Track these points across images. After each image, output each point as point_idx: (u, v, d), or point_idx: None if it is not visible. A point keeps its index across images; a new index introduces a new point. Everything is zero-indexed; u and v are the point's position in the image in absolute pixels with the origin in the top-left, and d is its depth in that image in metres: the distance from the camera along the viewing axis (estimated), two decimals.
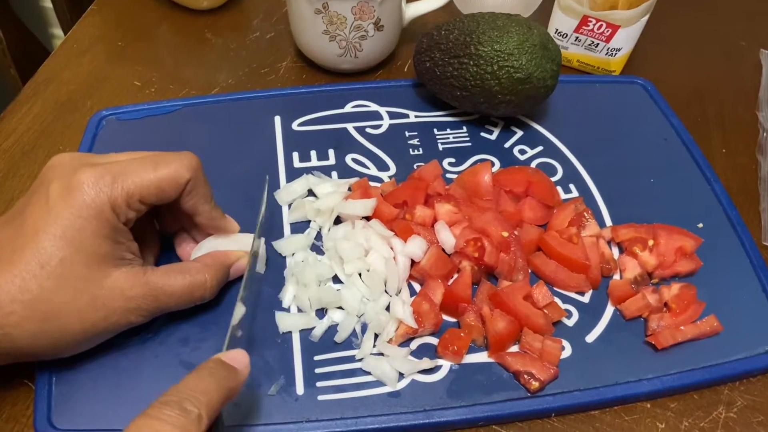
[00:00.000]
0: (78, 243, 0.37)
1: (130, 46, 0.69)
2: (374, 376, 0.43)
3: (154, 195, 0.40)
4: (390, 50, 0.66)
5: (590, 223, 0.51)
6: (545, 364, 0.43)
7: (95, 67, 0.66)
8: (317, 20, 0.59)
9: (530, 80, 0.53)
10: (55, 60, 0.67)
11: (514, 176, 0.53)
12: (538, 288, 0.47)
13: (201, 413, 0.32)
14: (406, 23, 0.66)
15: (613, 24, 0.62)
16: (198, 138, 0.57)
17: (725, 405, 0.44)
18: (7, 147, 0.58)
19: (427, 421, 0.41)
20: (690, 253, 0.49)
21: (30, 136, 0.59)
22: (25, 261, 0.37)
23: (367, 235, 0.48)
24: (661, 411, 0.43)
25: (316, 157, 0.56)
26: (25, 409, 0.42)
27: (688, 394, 0.44)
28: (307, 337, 0.45)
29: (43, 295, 0.37)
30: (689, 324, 0.46)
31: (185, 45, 0.70)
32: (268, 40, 0.71)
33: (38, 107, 0.62)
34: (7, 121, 0.60)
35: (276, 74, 0.66)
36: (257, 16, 0.73)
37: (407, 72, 0.68)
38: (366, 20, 0.60)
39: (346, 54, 0.62)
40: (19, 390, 0.43)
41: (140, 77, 0.65)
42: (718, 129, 0.63)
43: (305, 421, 0.41)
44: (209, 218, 0.44)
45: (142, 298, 0.40)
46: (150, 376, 0.42)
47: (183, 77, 0.65)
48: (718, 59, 0.72)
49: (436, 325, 0.45)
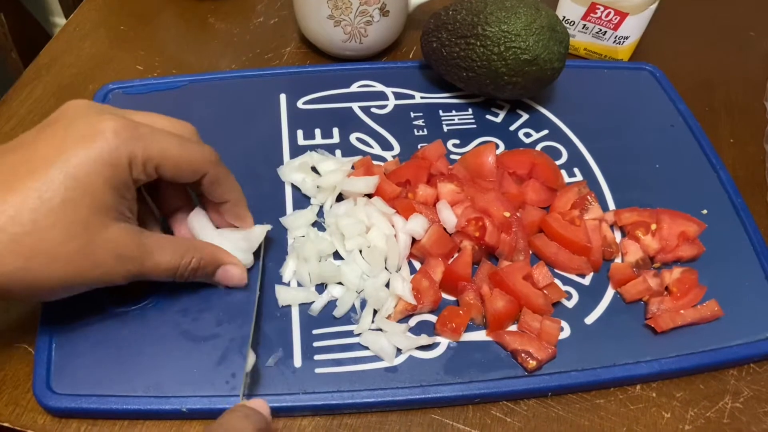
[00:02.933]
0: (88, 187, 0.36)
1: (133, 31, 0.68)
2: (372, 351, 0.43)
3: (169, 170, 0.40)
4: (395, 36, 0.65)
5: (593, 207, 0.51)
6: (543, 343, 0.43)
7: (97, 50, 0.66)
8: (322, 5, 0.59)
9: (537, 62, 0.53)
10: (57, 43, 0.66)
11: (518, 158, 0.53)
12: (538, 268, 0.46)
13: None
14: (411, 9, 0.65)
15: (621, 11, 0.61)
16: (204, 114, 0.57)
17: (731, 395, 0.44)
18: (8, 130, 0.57)
19: (423, 396, 0.41)
20: (693, 238, 0.49)
21: (31, 119, 0.58)
22: (25, 191, 0.35)
23: (368, 212, 0.48)
24: (666, 400, 0.43)
25: (321, 135, 0.56)
26: (24, 375, 0.42)
27: (694, 384, 0.44)
28: (306, 311, 0.45)
29: (35, 230, 0.35)
30: (690, 308, 0.46)
31: (188, 30, 0.69)
32: (272, 25, 0.70)
33: (40, 91, 0.61)
34: (8, 104, 0.60)
35: (280, 60, 0.66)
36: (261, 1, 0.73)
37: (412, 58, 0.67)
38: (372, 5, 0.59)
39: (351, 39, 0.62)
40: (18, 355, 0.43)
41: (142, 61, 0.65)
42: (726, 118, 0.63)
43: (302, 393, 0.41)
44: (235, 204, 0.44)
45: (131, 259, 0.39)
46: (150, 345, 0.43)
47: (186, 62, 0.65)
48: (726, 48, 0.71)
49: (435, 303, 0.45)
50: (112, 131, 0.37)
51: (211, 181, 0.42)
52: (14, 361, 0.43)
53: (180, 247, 0.42)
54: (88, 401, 0.40)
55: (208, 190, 0.43)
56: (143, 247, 0.40)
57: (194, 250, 0.43)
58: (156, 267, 0.41)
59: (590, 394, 0.43)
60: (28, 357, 0.43)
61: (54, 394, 0.40)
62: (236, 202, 0.45)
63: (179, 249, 0.42)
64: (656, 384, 0.44)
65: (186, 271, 0.42)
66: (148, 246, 0.40)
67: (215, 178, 0.42)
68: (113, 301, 0.44)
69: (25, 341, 0.43)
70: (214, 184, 0.42)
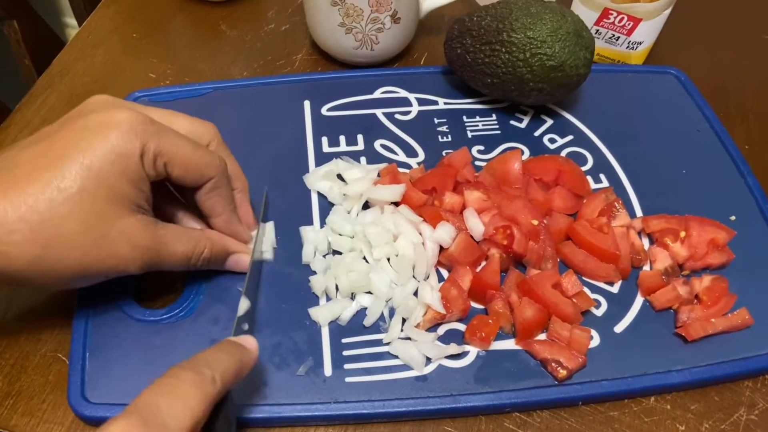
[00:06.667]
0: (103, 177, 0.37)
1: (145, 38, 0.69)
2: (401, 360, 0.43)
3: (178, 168, 0.40)
4: (406, 43, 0.65)
5: (621, 214, 0.50)
6: (573, 352, 0.43)
7: (110, 59, 0.66)
8: (333, 12, 0.59)
9: (563, 68, 0.53)
10: (70, 52, 0.67)
11: (544, 165, 0.53)
12: (568, 277, 0.46)
13: (215, 376, 0.34)
14: (422, 15, 0.65)
15: (634, 17, 0.61)
16: (229, 121, 0.56)
17: (746, 407, 0.43)
18: (21, 139, 0.57)
19: (453, 405, 0.42)
20: (722, 246, 0.49)
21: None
22: (43, 181, 0.36)
23: (395, 220, 0.48)
24: (681, 413, 0.43)
25: (345, 143, 0.56)
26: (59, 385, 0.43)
27: (709, 396, 0.44)
28: (336, 320, 0.45)
29: (53, 220, 0.36)
30: (720, 316, 0.45)
31: (200, 37, 0.69)
32: (283, 32, 0.70)
33: (53, 99, 0.62)
34: (22, 113, 0.60)
35: (291, 66, 0.66)
36: (272, 8, 0.73)
37: (423, 64, 0.67)
38: (383, 12, 0.59)
39: (362, 47, 0.62)
40: (53, 364, 0.44)
41: (155, 69, 0.65)
42: (740, 124, 0.62)
43: (333, 402, 0.41)
44: (226, 221, 0.45)
45: (146, 249, 0.40)
46: (182, 353, 0.42)
47: (198, 69, 0.65)
48: (740, 53, 0.70)
49: (464, 311, 0.45)
50: (127, 123, 0.38)
51: (213, 188, 0.43)
52: (48, 370, 0.43)
53: (193, 237, 0.43)
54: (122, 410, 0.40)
55: (206, 197, 0.43)
56: (158, 237, 0.41)
57: (206, 239, 0.44)
58: (171, 256, 0.42)
59: (604, 406, 0.43)
60: (62, 366, 0.43)
61: (89, 403, 0.40)
62: (229, 219, 0.45)
63: (192, 239, 0.43)
64: (671, 396, 0.44)
65: (199, 260, 0.44)
66: (163, 236, 0.41)
67: (218, 185, 0.43)
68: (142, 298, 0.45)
69: (59, 350, 0.44)
70: (212, 191, 0.43)
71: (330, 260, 0.48)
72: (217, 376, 0.34)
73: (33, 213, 0.36)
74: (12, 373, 0.43)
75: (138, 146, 0.38)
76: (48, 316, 0.46)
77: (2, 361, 0.44)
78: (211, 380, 0.33)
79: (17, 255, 0.36)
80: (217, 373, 0.34)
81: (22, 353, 0.44)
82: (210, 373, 0.34)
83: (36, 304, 0.46)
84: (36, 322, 0.46)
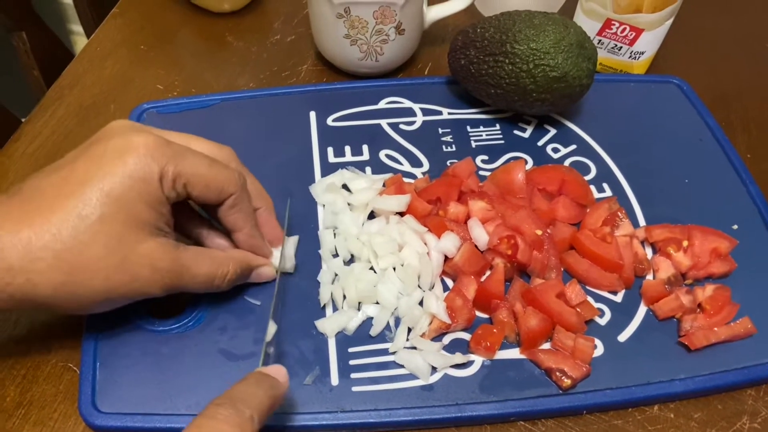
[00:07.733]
0: (123, 203, 0.38)
1: (152, 50, 0.69)
2: (407, 369, 0.44)
3: (198, 188, 0.41)
4: (410, 53, 0.66)
5: (624, 223, 0.51)
6: (577, 361, 0.43)
7: (118, 70, 0.67)
8: (338, 24, 0.60)
9: (566, 79, 0.53)
10: (79, 63, 0.68)
11: (547, 174, 0.54)
12: (571, 286, 0.47)
13: (253, 415, 0.33)
14: (427, 26, 0.65)
15: (637, 27, 0.61)
16: (236, 131, 0.58)
17: (749, 415, 0.44)
18: (31, 151, 0.58)
19: (459, 414, 0.42)
20: (725, 255, 0.49)
21: (54, 139, 0.60)
22: (65, 210, 0.37)
23: (401, 230, 0.49)
24: (684, 421, 0.43)
25: (351, 153, 0.57)
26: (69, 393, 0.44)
27: (712, 404, 0.44)
28: (342, 330, 0.46)
29: (75, 246, 0.37)
30: (723, 325, 0.46)
31: (206, 48, 0.70)
32: (289, 43, 0.71)
33: (62, 111, 0.62)
34: (32, 125, 0.61)
35: (297, 77, 0.67)
36: (278, 19, 0.74)
37: (428, 74, 0.68)
38: (387, 24, 0.60)
39: (367, 58, 0.63)
40: (64, 374, 0.44)
41: (162, 81, 0.66)
42: (743, 133, 0.63)
43: (340, 411, 0.42)
44: (249, 235, 0.45)
45: (168, 272, 0.40)
46: (190, 362, 0.44)
47: (205, 80, 0.66)
48: (742, 62, 0.71)
49: (469, 321, 0.46)
50: (144, 147, 0.38)
51: (233, 204, 0.43)
52: (59, 379, 0.44)
53: (216, 259, 0.43)
54: (132, 420, 0.41)
55: (227, 213, 0.44)
56: (179, 260, 0.41)
57: (228, 259, 0.44)
58: (193, 278, 0.42)
59: (608, 415, 0.43)
60: (73, 376, 0.44)
61: (99, 413, 0.41)
62: (251, 233, 0.45)
63: (215, 261, 0.43)
64: (674, 404, 0.44)
65: (224, 282, 0.44)
66: (184, 259, 0.41)
67: (239, 200, 0.43)
68: (155, 314, 0.45)
69: (70, 361, 0.45)
70: (233, 207, 0.43)
71: (337, 269, 0.48)
72: (255, 415, 0.34)
73: (56, 241, 0.36)
74: (23, 383, 0.44)
75: (156, 170, 0.38)
76: (58, 326, 0.46)
77: (14, 372, 0.44)
78: (250, 419, 0.33)
79: (42, 282, 0.37)
80: (255, 412, 0.34)
81: (33, 363, 0.45)
82: (249, 412, 0.33)
83: (46, 315, 0.47)
84: (47, 332, 0.46)
